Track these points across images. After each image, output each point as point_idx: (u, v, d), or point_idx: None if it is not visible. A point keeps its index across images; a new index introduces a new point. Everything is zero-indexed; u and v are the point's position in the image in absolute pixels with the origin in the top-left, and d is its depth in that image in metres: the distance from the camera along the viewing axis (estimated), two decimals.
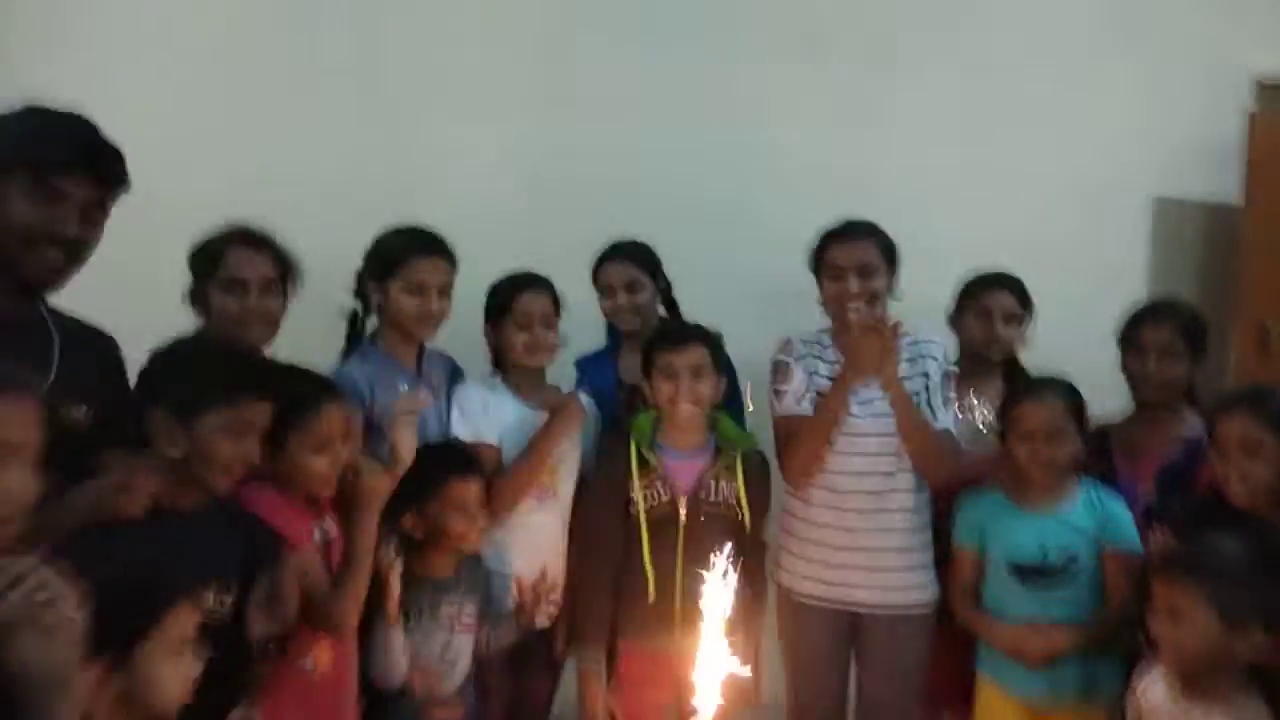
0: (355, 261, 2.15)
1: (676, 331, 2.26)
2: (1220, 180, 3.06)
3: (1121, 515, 2.02)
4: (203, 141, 2.64)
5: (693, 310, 2.48)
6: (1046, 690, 2.00)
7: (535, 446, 2.11)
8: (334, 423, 1.75)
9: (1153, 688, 1.71)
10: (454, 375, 2.23)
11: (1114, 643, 1.99)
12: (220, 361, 1.68)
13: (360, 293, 2.14)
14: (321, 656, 1.75)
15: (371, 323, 2.18)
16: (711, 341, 2.20)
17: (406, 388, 2.00)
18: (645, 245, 2.47)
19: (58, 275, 1.50)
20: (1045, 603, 2.00)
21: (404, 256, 2.06)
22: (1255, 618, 1.54)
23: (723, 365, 2.21)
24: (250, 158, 2.66)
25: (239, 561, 1.59)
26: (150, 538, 1.42)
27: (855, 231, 2.19)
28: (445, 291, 2.10)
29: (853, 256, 2.15)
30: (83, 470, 1.39)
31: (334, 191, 2.66)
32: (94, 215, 1.49)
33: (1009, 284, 2.44)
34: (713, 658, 1.26)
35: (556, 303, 2.23)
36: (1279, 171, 2.97)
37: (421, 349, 2.16)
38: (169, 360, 1.65)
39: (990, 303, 2.41)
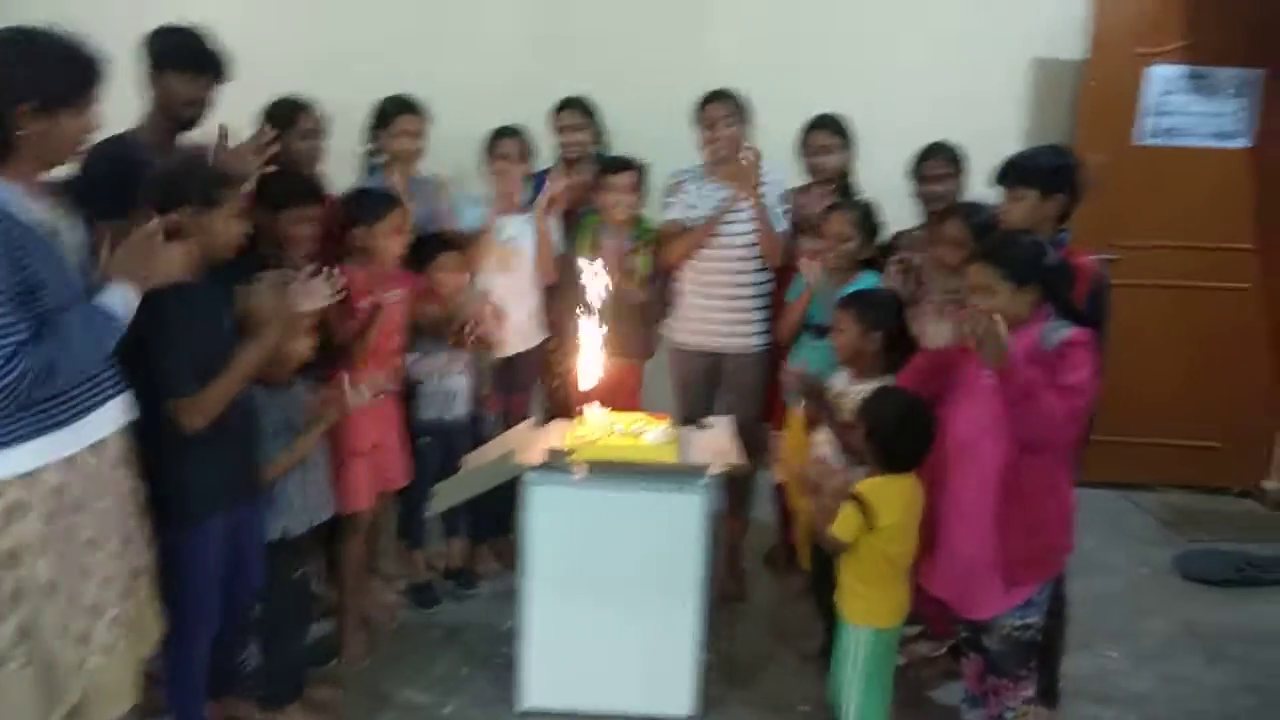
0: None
1: (617, 160, 3.29)
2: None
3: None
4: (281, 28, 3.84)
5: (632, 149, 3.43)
6: None
7: (483, 231, 3.21)
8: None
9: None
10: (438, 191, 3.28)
11: None
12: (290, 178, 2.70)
13: (370, 139, 3.18)
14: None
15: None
16: (640, 170, 3.26)
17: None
18: (587, 100, 3.49)
19: None
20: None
21: (393, 114, 3.11)
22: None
23: (648, 186, 3.26)
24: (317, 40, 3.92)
25: None
26: None
27: (718, 95, 3.13)
28: (421, 135, 3.14)
29: (717, 111, 3.11)
30: None
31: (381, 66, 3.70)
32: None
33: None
34: None
35: (526, 145, 3.27)
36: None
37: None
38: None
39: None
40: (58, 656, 1.81)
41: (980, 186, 2.86)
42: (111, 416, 1.88)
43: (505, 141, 3.26)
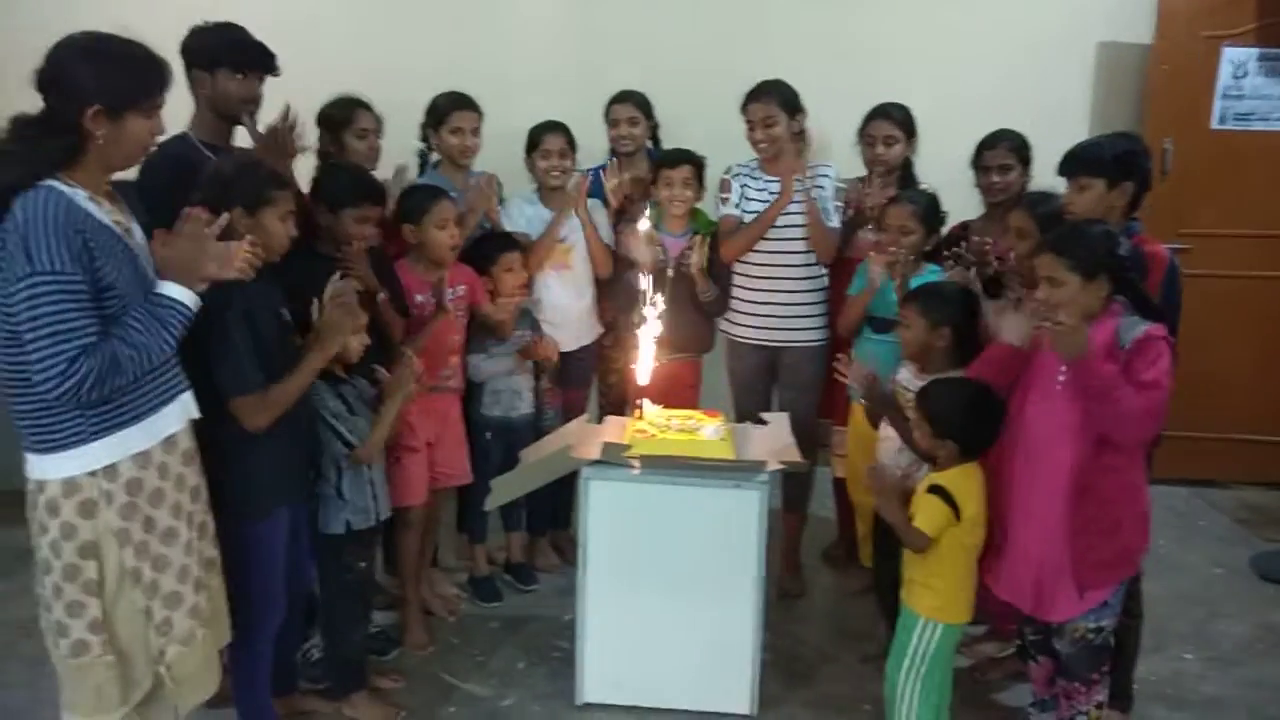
0: None
1: (675, 154, 3.25)
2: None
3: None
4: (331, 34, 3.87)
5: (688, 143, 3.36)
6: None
7: (546, 231, 3.20)
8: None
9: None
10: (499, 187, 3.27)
11: None
12: (351, 177, 2.69)
13: (424, 137, 3.18)
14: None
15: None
16: (697, 163, 3.21)
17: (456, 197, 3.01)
18: (642, 94, 3.41)
19: None
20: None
21: (447, 110, 3.08)
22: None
23: (704, 179, 3.22)
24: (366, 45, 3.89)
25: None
26: None
27: (760, 92, 3.05)
28: (476, 132, 3.11)
29: (757, 113, 3.04)
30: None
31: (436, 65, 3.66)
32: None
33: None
34: None
35: (571, 141, 3.23)
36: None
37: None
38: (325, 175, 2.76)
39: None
40: (136, 645, 1.86)
41: (1048, 175, 2.78)
42: (179, 413, 1.91)
43: (549, 137, 3.21)
